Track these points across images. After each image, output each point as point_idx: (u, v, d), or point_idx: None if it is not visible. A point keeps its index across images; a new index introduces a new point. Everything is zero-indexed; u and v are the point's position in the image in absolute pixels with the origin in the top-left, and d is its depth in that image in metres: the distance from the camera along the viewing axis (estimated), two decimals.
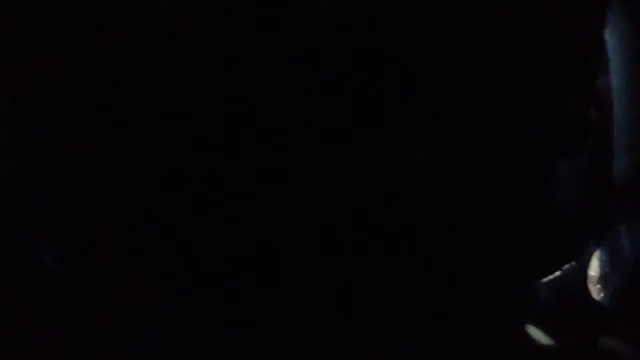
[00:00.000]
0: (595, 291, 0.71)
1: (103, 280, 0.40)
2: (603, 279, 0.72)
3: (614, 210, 0.62)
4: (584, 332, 0.57)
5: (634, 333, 0.56)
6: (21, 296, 0.45)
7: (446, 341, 0.42)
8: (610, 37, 0.57)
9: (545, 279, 0.61)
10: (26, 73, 0.38)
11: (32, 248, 0.42)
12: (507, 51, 0.38)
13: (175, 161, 0.37)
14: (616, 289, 0.67)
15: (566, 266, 0.62)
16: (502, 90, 0.39)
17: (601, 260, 0.72)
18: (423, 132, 0.38)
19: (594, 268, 0.72)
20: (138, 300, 0.40)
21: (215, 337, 0.40)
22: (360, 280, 0.39)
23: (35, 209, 0.41)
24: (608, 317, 0.60)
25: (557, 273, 0.62)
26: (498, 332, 0.46)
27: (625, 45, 0.56)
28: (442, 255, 0.40)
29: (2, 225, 0.44)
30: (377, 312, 0.40)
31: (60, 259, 0.41)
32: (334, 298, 0.39)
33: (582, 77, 0.43)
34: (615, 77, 0.57)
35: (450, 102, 0.38)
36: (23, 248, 0.43)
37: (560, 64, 0.41)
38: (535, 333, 0.54)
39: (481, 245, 0.41)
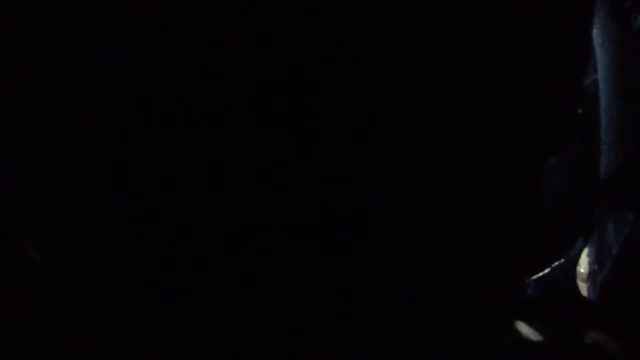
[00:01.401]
0: (585, 288, 0.71)
1: (90, 278, 0.40)
2: (592, 275, 0.72)
3: (601, 206, 0.63)
4: (573, 328, 0.57)
5: (622, 328, 0.56)
6: (10, 292, 0.45)
7: (435, 338, 0.42)
8: (597, 36, 0.57)
9: (534, 276, 0.61)
10: (13, 72, 0.38)
11: (18, 243, 0.42)
12: (495, 49, 0.39)
13: (166, 160, 0.37)
14: (603, 285, 0.67)
15: (555, 263, 0.63)
16: (489, 87, 0.39)
17: (590, 257, 0.73)
18: (413, 128, 0.38)
19: (583, 265, 0.73)
20: (127, 298, 0.40)
21: (208, 337, 0.40)
22: (354, 280, 0.39)
23: (19, 205, 0.41)
24: (596, 313, 0.61)
25: (546, 270, 0.62)
26: (487, 329, 0.47)
27: (611, 43, 0.56)
28: (430, 251, 0.40)
29: None
30: (368, 310, 0.40)
31: (45, 256, 0.41)
32: (330, 299, 0.40)
33: (569, 75, 0.44)
34: (602, 75, 0.57)
35: (440, 99, 0.38)
36: (10, 243, 0.43)
37: (548, 62, 0.41)
38: (524, 329, 0.54)
39: (469, 242, 0.41)
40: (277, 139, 0.37)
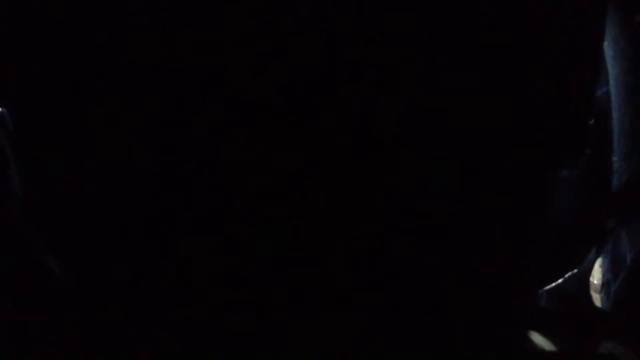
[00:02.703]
0: (598, 299, 0.71)
1: (105, 286, 0.41)
2: (606, 285, 0.72)
3: (614, 216, 0.63)
4: (586, 338, 0.57)
5: (636, 339, 0.56)
6: (27, 300, 0.45)
7: (450, 347, 0.43)
8: (608, 48, 0.57)
9: (547, 287, 0.61)
10: (23, 75, 0.38)
11: (37, 254, 0.42)
12: (510, 64, 0.39)
13: (174, 168, 0.37)
14: (617, 295, 0.67)
15: (568, 274, 0.63)
16: (505, 102, 0.39)
17: (603, 267, 0.73)
18: (429, 142, 0.39)
19: (597, 276, 0.72)
20: (139, 304, 0.40)
21: (213, 339, 0.40)
22: (362, 282, 0.40)
23: (38, 217, 0.41)
24: (609, 323, 0.61)
25: (559, 281, 0.62)
26: (502, 338, 0.47)
27: (622, 55, 0.57)
28: (445, 263, 0.41)
29: (8, 232, 0.44)
30: (380, 316, 0.41)
31: (63, 266, 0.41)
32: (336, 300, 0.40)
33: (582, 88, 0.44)
34: (614, 87, 0.57)
35: (455, 116, 0.38)
36: (29, 254, 0.44)
37: (561, 76, 0.41)
38: (538, 339, 0.55)
39: (485, 253, 0.41)
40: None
